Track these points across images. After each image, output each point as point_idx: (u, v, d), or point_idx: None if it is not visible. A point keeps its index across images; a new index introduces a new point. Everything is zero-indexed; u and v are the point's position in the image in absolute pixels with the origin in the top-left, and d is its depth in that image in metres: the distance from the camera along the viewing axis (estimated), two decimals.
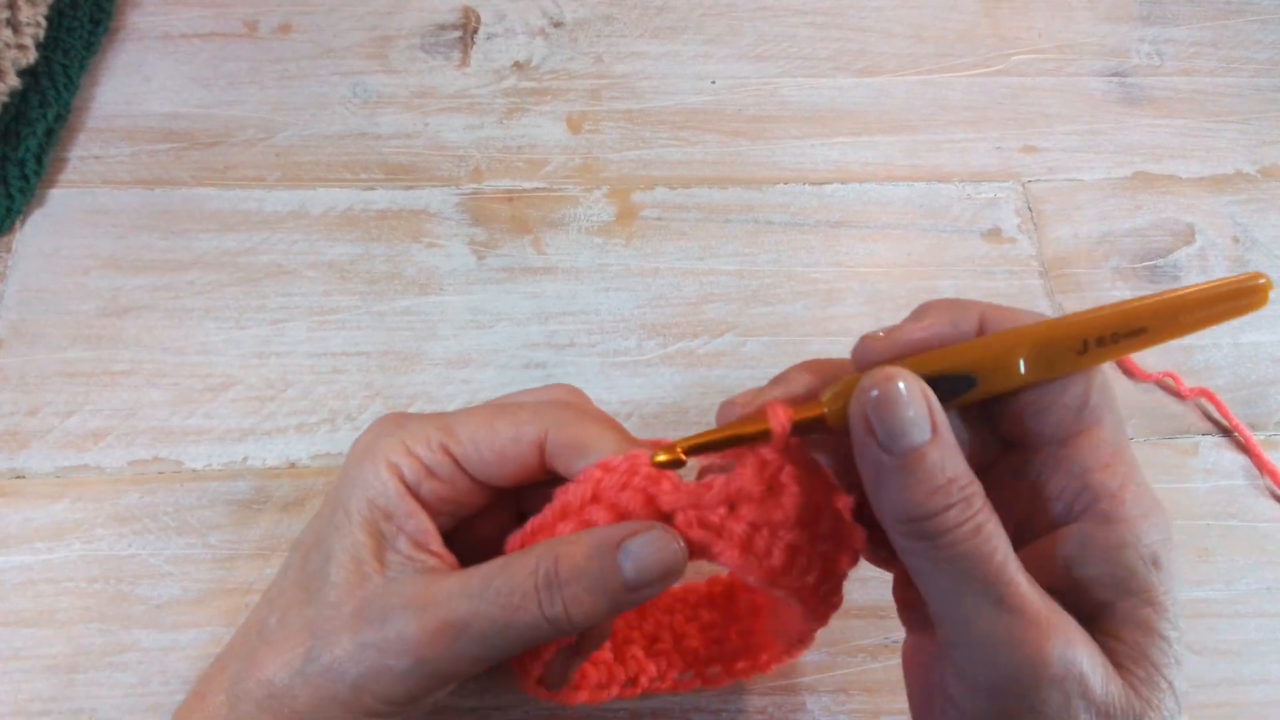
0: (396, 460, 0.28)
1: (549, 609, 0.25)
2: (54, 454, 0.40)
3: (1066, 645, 0.23)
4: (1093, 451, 0.25)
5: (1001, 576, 0.23)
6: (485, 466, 0.28)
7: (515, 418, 0.28)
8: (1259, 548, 0.42)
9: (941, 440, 0.23)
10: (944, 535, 0.23)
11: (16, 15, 0.46)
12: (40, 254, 0.45)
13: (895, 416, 0.23)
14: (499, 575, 0.26)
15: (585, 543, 0.26)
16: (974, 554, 0.23)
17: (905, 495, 0.23)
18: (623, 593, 0.25)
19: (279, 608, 0.28)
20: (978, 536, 0.23)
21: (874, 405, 0.24)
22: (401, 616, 0.26)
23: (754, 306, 0.46)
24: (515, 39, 0.54)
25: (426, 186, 0.48)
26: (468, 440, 0.28)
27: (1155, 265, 0.49)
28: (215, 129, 0.49)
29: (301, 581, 0.28)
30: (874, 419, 0.24)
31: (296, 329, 0.44)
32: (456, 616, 0.26)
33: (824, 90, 0.53)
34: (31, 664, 0.36)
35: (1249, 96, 0.55)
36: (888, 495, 0.24)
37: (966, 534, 0.23)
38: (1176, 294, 0.25)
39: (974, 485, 0.24)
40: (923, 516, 0.23)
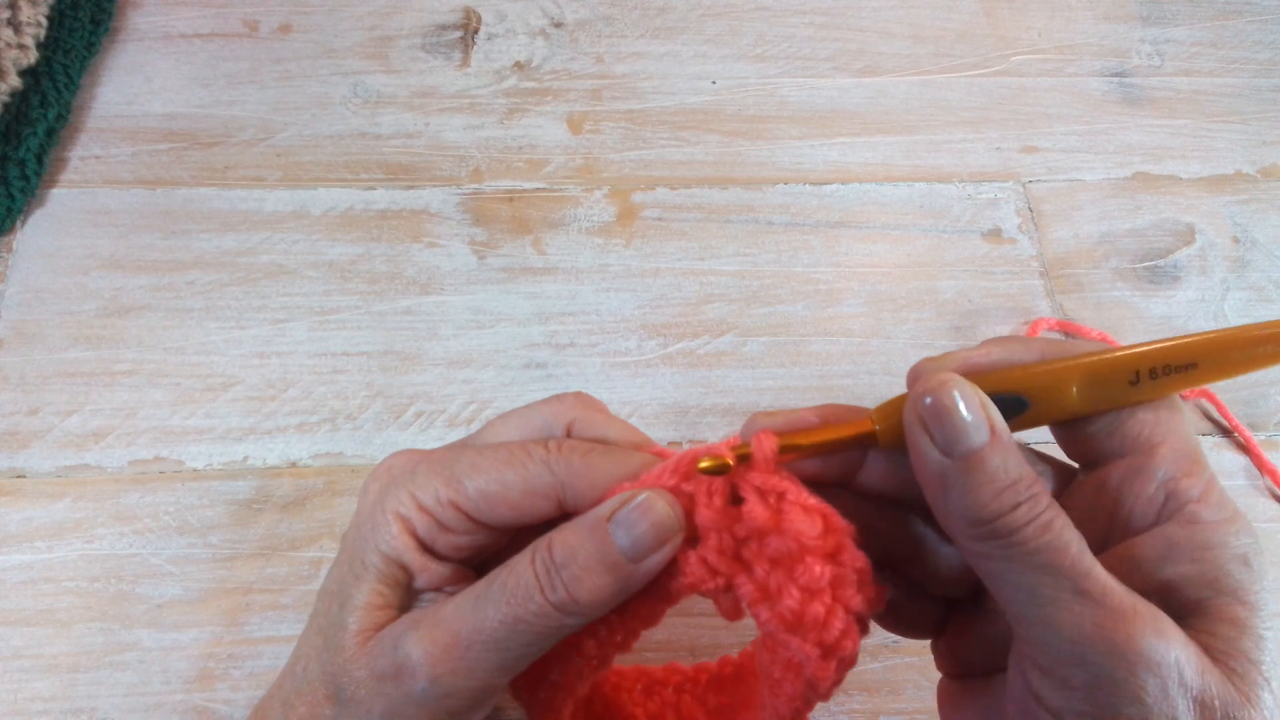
0: (407, 515, 0.27)
1: (552, 594, 0.25)
2: (55, 453, 0.40)
3: (1158, 635, 0.22)
4: (1174, 461, 0.25)
5: (1079, 568, 0.23)
6: (498, 518, 0.27)
7: (525, 470, 0.27)
8: None
9: (1001, 441, 0.23)
10: (1016, 533, 0.23)
11: (17, 15, 0.46)
12: (41, 254, 0.45)
13: (952, 420, 0.23)
14: (500, 574, 0.26)
15: (577, 523, 0.26)
16: (1048, 548, 0.23)
17: (971, 497, 0.23)
18: (624, 565, 0.25)
19: (304, 656, 0.28)
20: (1049, 532, 0.23)
21: (930, 411, 0.24)
22: (409, 640, 0.26)
23: (754, 307, 0.46)
24: (516, 39, 0.54)
25: (427, 186, 0.48)
26: (476, 496, 0.27)
27: (1155, 265, 0.49)
28: (216, 129, 0.49)
29: (323, 629, 0.28)
30: (932, 424, 0.24)
31: (297, 329, 0.44)
32: (465, 626, 0.25)
33: (824, 90, 0.53)
34: (32, 663, 0.36)
35: (1249, 97, 0.55)
36: (954, 500, 0.24)
37: (1038, 530, 0.23)
38: (1231, 330, 0.25)
39: (1039, 484, 0.24)
40: (992, 517, 0.23)
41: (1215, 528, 0.24)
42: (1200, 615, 0.24)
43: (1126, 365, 0.25)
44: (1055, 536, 0.23)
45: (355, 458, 0.41)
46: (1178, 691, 0.22)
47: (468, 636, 0.25)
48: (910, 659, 0.38)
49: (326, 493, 0.40)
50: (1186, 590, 0.24)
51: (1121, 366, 0.25)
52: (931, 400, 0.24)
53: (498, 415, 0.31)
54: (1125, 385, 0.25)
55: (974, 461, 0.23)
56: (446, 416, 0.43)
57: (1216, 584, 0.24)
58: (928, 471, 0.24)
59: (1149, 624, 0.22)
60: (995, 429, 0.23)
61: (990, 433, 0.23)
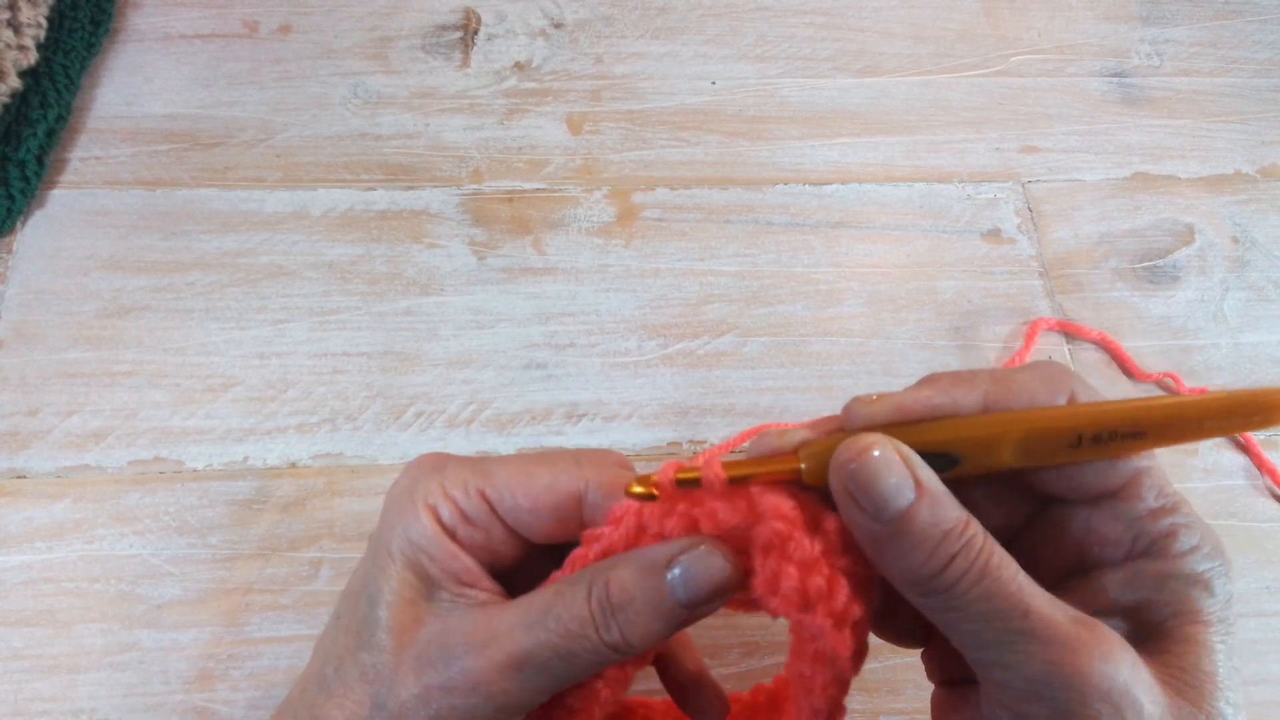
0: (434, 503, 0.28)
1: (607, 634, 0.25)
2: (55, 454, 0.40)
3: (1104, 659, 0.23)
4: (1139, 501, 0.25)
5: (1019, 608, 0.23)
6: (520, 514, 0.28)
7: (553, 466, 0.28)
8: (1259, 547, 0.42)
9: (928, 494, 0.23)
10: (954, 587, 0.23)
11: (17, 16, 0.46)
12: (41, 255, 0.45)
13: (876, 488, 0.23)
14: (556, 603, 0.26)
15: (634, 564, 0.26)
16: (986, 595, 0.23)
17: (904, 560, 0.24)
18: (678, 611, 0.25)
19: (334, 658, 0.27)
20: (986, 578, 0.23)
21: (852, 479, 0.23)
22: (466, 655, 0.26)
23: (754, 307, 0.46)
24: (516, 40, 0.54)
25: (427, 187, 0.48)
26: (503, 485, 0.28)
27: (1155, 265, 0.49)
28: (216, 130, 0.49)
29: (353, 628, 0.27)
30: (856, 493, 0.23)
31: (297, 329, 0.44)
32: (521, 649, 0.25)
33: (824, 91, 0.53)
34: (32, 664, 0.36)
35: (1248, 97, 0.55)
36: (891, 562, 0.24)
37: (974, 578, 0.23)
38: (1182, 401, 0.25)
39: (971, 525, 0.24)
40: (928, 576, 0.23)
41: (1180, 559, 0.24)
42: (1159, 638, 0.24)
43: (1067, 429, 0.24)
44: (992, 582, 0.23)
45: (355, 458, 0.41)
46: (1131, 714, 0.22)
47: (521, 659, 0.25)
48: (910, 659, 0.38)
49: (326, 493, 0.40)
50: (1147, 615, 0.25)
51: (1062, 430, 0.24)
52: (854, 468, 0.23)
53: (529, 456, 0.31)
54: (1066, 447, 0.25)
55: (902, 525, 0.23)
56: (446, 417, 0.43)
57: (1175, 607, 0.24)
58: (860, 534, 0.24)
59: (1095, 651, 0.23)
60: (921, 485, 0.23)
61: (916, 491, 0.23)
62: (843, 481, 0.24)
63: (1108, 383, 0.46)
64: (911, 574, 0.24)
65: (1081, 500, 0.26)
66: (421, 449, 0.42)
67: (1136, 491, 0.25)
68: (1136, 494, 0.25)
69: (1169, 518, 0.25)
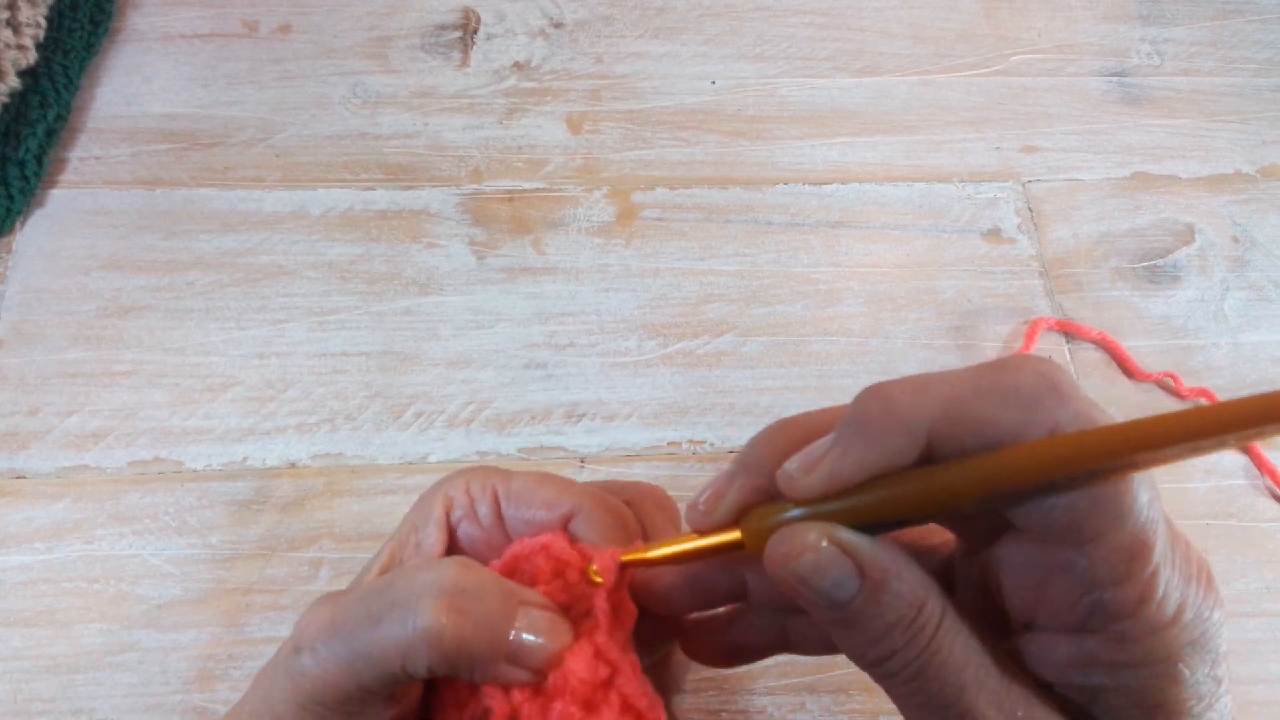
0: (454, 494, 0.28)
1: None
2: (54, 454, 0.40)
3: None
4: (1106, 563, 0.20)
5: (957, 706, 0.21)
6: (517, 523, 0.27)
7: (560, 487, 0.27)
8: (1259, 547, 0.42)
9: (874, 585, 0.21)
10: (895, 676, 0.22)
11: (16, 16, 0.46)
12: (41, 254, 0.45)
13: (814, 586, 0.22)
14: None
15: None
16: (922, 691, 0.22)
17: (850, 645, 0.23)
18: None
19: None
20: (926, 674, 0.22)
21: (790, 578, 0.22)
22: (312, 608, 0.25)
23: (754, 307, 0.46)
24: (515, 39, 0.54)
25: (426, 187, 0.48)
26: (514, 491, 0.28)
27: (1155, 265, 0.49)
28: (215, 129, 0.49)
29: None
30: (798, 590, 0.22)
31: (296, 329, 0.44)
32: None
33: (824, 90, 0.53)
34: (31, 664, 0.36)
35: (1248, 96, 0.55)
36: (840, 643, 0.23)
37: (915, 672, 0.22)
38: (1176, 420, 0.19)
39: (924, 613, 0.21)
40: (874, 662, 0.22)
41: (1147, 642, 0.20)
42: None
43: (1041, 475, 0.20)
44: (932, 679, 0.22)
45: (355, 458, 0.41)
46: None
47: None
48: None
49: (326, 493, 0.40)
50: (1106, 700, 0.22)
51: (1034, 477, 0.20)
52: (789, 569, 0.22)
53: None
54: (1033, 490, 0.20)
55: (848, 616, 0.22)
56: (446, 417, 0.43)
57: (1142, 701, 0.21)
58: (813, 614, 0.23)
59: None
60: (868, 574, 0.21)
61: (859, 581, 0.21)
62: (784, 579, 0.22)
63: (1108, 383, 0.46)
64: (857, 656, 0.23)
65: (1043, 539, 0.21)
66: (421, 449, 0.42)
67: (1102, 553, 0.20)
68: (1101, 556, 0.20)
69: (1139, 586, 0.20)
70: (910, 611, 0.21)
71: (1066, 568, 0.21)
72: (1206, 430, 0.18)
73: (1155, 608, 0.20)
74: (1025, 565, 0.22)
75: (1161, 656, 0.20)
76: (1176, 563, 0.20)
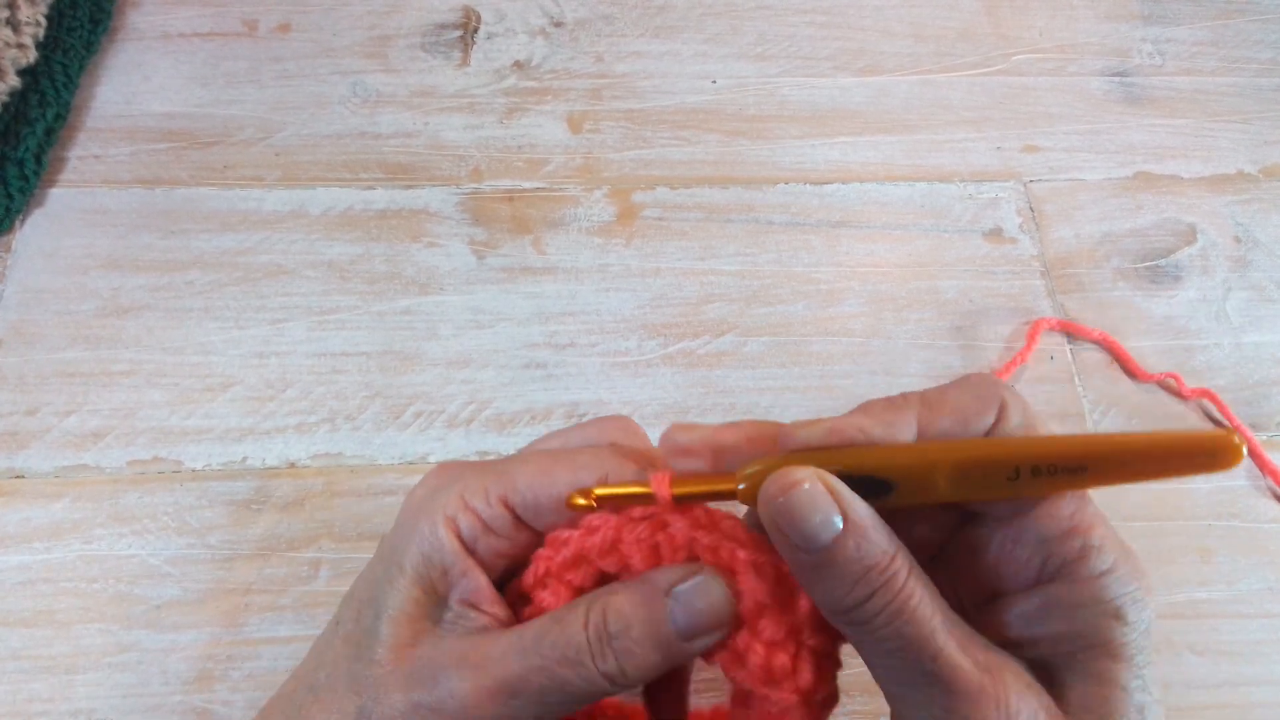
0: (454, 515, 0.27)
1: (602, 664, 0.25)
2: (53, 454, 0.40)
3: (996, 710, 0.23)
4: (1051, 521, 0.24)
5: (928, 651, 0.23)
6: (544, 516, 0.27)
7: (574, 464, 0.27)
8: (1261, 548, 0.42)
9: (855, 528, 0.23)
10: (870, 622, 0.23)
11: (16, 15, 0.46)
12: (40, 254, 0.45)
13: (803, 520, 0.23)
14: (551, 630, 0.25)
15: (633, 590, 0.26)
16: (898, 635, 0.23)
17: (827, 590, 0.24)
18: (676, 643, 0.25)
19: (328, 662, 0.27)
20: (900, 619, 0.23)
21: (779, 512, 0.24)
22: (455, 676, 0.25)
23: (755, 307, 0.46)
24: (515, 38, 0.54)
25: (426, 186, 0.48)
26: (525, 489, 0.27)
27: (1156, 265, 0.49)
28: (214, 128, 0.49)
29: (353, 637, 0.27)
30: (784, 525, 0.24)
31: (296, 329, 0.44)
32: (511, 675, 0.25)
33: (825, 90, 0.53)
34: (31, 664, 0.36)
35: (1250, 96, 0.55)
36: (813, 590, 0.24)
37: (890, 617, 0.23)
38: (1129, 438, 0.24)
39: (896, 563, 0.23)
40: (848, 608, 0.23)
41: (1091, 584, 0.24)
42: (1069, 670, 0.24)
43: (1005, 462, 0.24)
44: (905, 622, 0.23)
45: (354, 458, 0.41)
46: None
47: (513, 685, 0.25)
48: None
49: (325, 493, 0.40)
50: (1059, 646, 0.24)
51: (1000, 462, 0.24)
52: (782, 502, 0.23)
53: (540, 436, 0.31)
54: (1003, 480, 0.24)
55: (826, 557, 0.23)
56: (446, 416, 0.42)
57: (1086, 639, 0.24)
58: (787, 559, 0.25)
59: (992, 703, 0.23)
60: (849, 518, 0.23)
61: (843, 524, 0.23)
62: (770, 515, 0.24)
63: (1110, 383, 0.46)
64: (832, 603, 0.24)
65: (995, 517, 0.26)
66: (421, 449, 0.42)
67: (1049, 511, 0.24)
68: (1049, 514, 0.24)
69: (1080, 539, 0.24)
70: (885, 558, 0.23)
71: (1021, 535, 0.25)
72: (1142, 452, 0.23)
73: (1096, 554, 0.24)
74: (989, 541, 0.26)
75: (1106, 598, 0.24)
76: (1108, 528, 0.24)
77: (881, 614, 0.23)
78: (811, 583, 0.24)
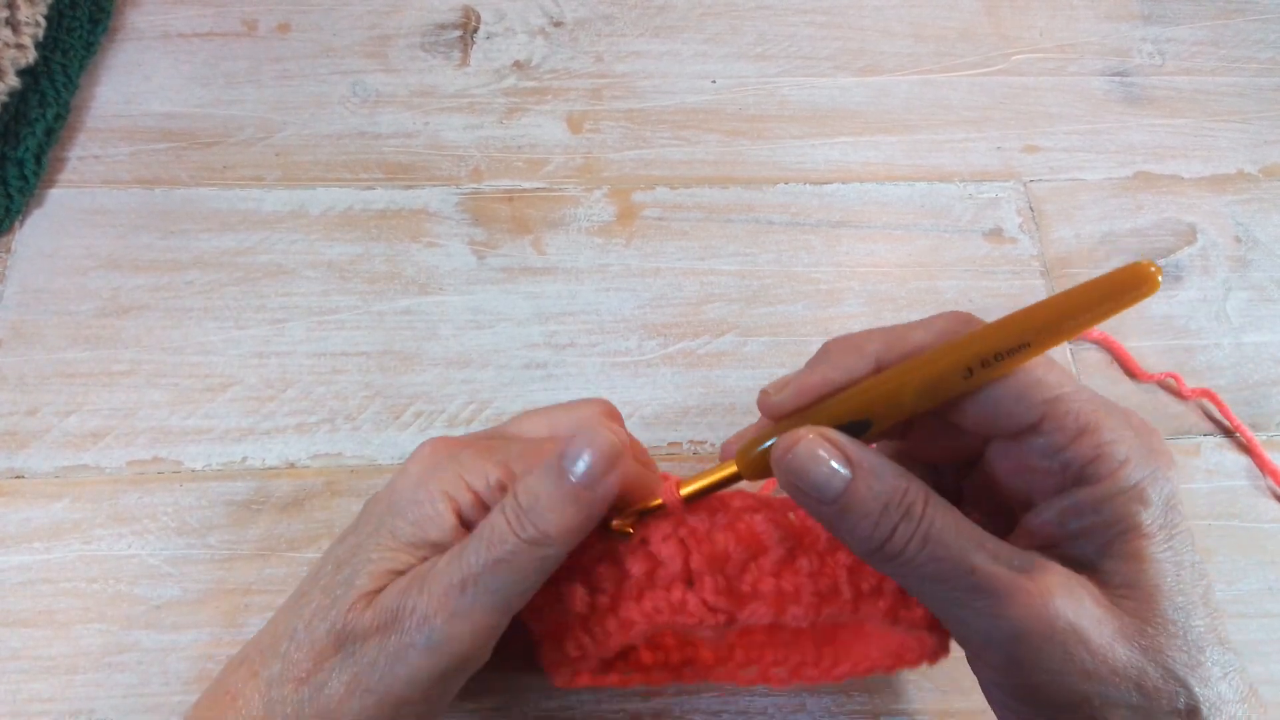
0: (454, 493, 0.29)
1: (523, 532, 0.26)
2: (53, 454, 0.40)
3: (1044, 604, 0.24)
4: (1059, 430, 0.26)
5: (963, 567, 0.24)
6: None
7: None
8: (1261, 548, 0.42)
9: (864, 470, 0.25)
10: (901, 554, 0.25)
11: (16, 15, 0.46)
12: (39, 254, 0.45)
13: (813, 476, 0.25)
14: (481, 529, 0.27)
15: (534, 470, 0.28)
16: (931, 558, 0.25)
17: (853, 534, 0.25)
18: (582, 493, 0.26)
19: (306, 615, 0.28)
20: (929, 543, 0.25)
21: (790, 471, 0.26)
22: (413, 594, 0.27)
23: (755, 307, 0.46)
24: (515, 38, 0.54)
25: (426, 186, 0.48)
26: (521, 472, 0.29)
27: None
28: (214, 128, 0.49)
29: (330, 589, 0.28)
30: (798, 483, 0.26)
31: (296, 329, 0.44)
32: (456, 574, 0.27)
33: (825, 90, 0.53)
34: (30, 664, 0.36)
35: (1251, 96, 0.55)
36: (844, 537, 0.26)
37: (918, 544, 0.25)
38: (1059, 302, 0.25)
39: (911, 492, 0.25)
40: (877, 546, 0.25)
41: (1111, 479, 0.25)
42: (1105, 557, 0.25)
43: (957, 364, 0.26)
44: (935, 545, 0.25)
45: (354, 458, 0.41)
46: (1079, 650, 0.24)
47: (459, 583, 0.27)
48: None
49: (325, 493, 0.40)
50: (1092, 539, 0.26)
51: (952, 367, 0.26)
52: (789, 461, 0.26)
53: (524, 412, 0.33)
54: (960, 379, 0.26)
55: (844, 504, 0.25)
56: (446, 416, 0.42)
57: (1116, 525, 0.25)
58: (815, 517, 0.26)
59: (1035, 598, 0.24)
60: (854, 463, 0.25)
61: (850, 469, 0.25)
62: (785, 476, 0.26)
63: (1110, 383, 0.46)
64: (864, 545, 0.25)
65: (1007, 437, 0.27)
66: None
67: (1055, 422, 0.26)
68: (1055, 424, 0.26)
69: (1091, 438, 0.25)
70: (898, 493, 0.25)
71: (1034, 450, 0.26)
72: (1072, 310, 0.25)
73: (1110, 449, 0.25)
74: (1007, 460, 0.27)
75: (1127, 486, 0.25)
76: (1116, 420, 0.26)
77: (910, 544, 0.25)
78: (841, 531, 0.26)
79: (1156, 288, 0.24)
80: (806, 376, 0.28)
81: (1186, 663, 0.24)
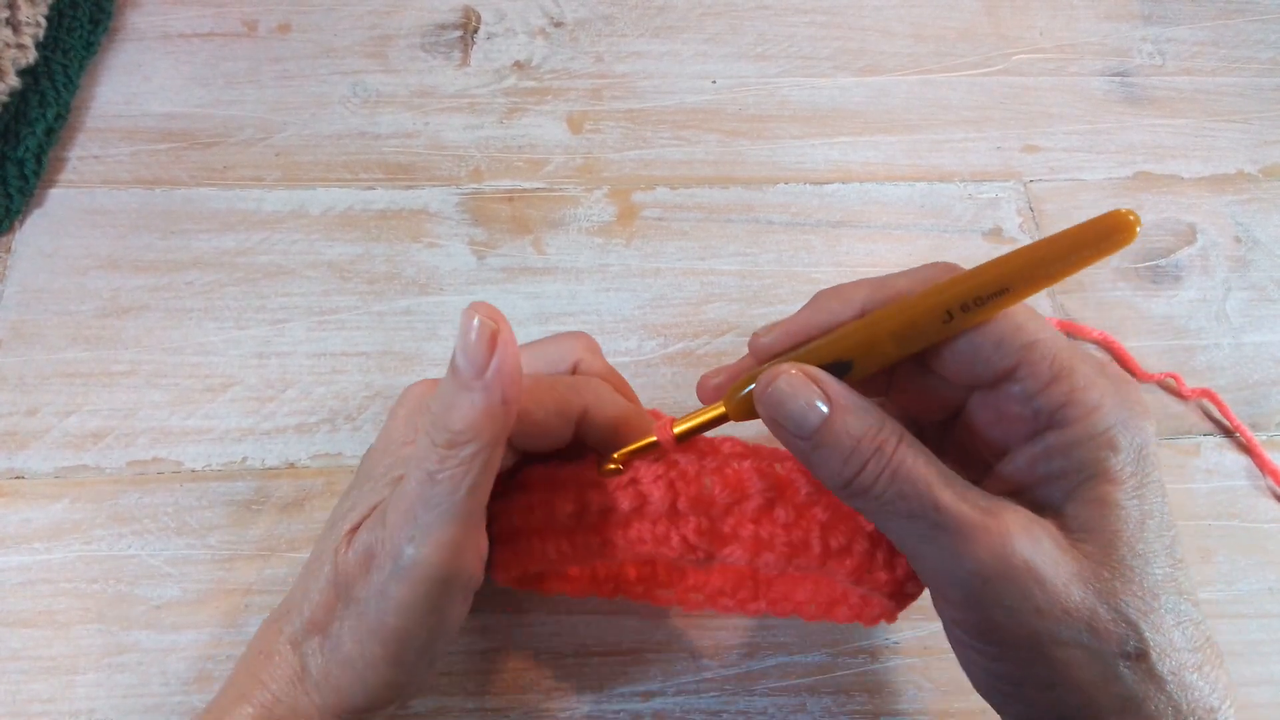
0: None
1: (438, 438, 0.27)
2: (53, 454, 0.40)
3: (1003, 542, 0.24)
4: (1033, 376, 0.26)
5: (928, 504, 0.25)
6: (527, 439, 0.30)
7: (556, 393, 0.30)
8: (1261, 548, 0.42)
9: (839, 407, 0.26)
10: (870, 489, 0.26)
11: (16, 15, 0.46)
12: (39, 254, 0.45)
13: (791, 409, 0.26)
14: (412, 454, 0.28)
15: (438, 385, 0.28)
16: (899, 495, 0.25)
17: (826, 468, 0.26)
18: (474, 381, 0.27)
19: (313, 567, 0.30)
20: (896, 479, 0.25)
21: (769, 405, 0.26)
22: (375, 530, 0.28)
23: (755, 307, 0.46)
24: (515, 38, 0.54)
25: (426, 186, 0.48)
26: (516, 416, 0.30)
27: (1157, 265, 0.49)
28: (214, 129, 0.49)
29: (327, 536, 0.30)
30: (776, 416, 0.26)
31: (296, 329, 0.44)
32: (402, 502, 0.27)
33: (825, 90, 0.53)
34: (30, 664, 0.36)
35: (1251, 96, 0.55)
36: (818, 471, 0.27)
37: (887, 481, 0.25)
38: (1038, 249, 0.25)
39: (883, 431, 0.26)
40: (848, 480, 0.26)
41: (1081, 423, 0.25)
42: (1070, 501, 0.26)
43: (936, 307, 0.26)
44: (903, 482, 0.25)
45: (354, 458, 0.41)
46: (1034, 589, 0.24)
47: (407, 506, 0.27)
48: (911, 660, 0.38)
49: (326, 494, 0.40)
50: (1060, 483, 0.26)
51: (931, 311, 0.26)
52: (769, 394, 0.26)
53: None
54: (939, 324, 0.26)
55: (819, 438, 0.26)
56: None
57: (1083, 470, 0.25)
58: (791, 451, 0.27)
59: (994, 535, 0.24)
60: (832, 399, 0.26)
61: (827, 405, 0.26)
62: (765, 410, 0.27)
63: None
64: (835, 479, 0.26)
65: (986, 387, 0.28)
66: None
67: (1030, 367, 0.26)
68: (1030, 369, 0.26)
69: (1064, 383, 0.26)
70: (872, 430, 0.26)
71: (1010, 397, 0.27)
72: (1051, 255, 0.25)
73: (1082, 394, 0.26)
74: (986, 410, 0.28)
75: (1096, 431, 0.25)
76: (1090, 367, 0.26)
77: (879, 480, 0.25)
78: (814, 465, 0.27)
79: (1134, 236, 0.24)
80: (794, 320, 0.29)
81: (1140, 608, 0.24)
